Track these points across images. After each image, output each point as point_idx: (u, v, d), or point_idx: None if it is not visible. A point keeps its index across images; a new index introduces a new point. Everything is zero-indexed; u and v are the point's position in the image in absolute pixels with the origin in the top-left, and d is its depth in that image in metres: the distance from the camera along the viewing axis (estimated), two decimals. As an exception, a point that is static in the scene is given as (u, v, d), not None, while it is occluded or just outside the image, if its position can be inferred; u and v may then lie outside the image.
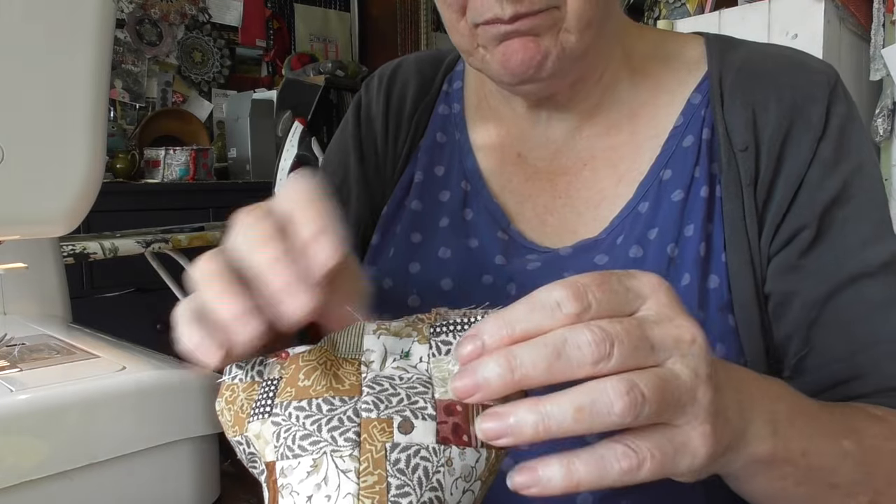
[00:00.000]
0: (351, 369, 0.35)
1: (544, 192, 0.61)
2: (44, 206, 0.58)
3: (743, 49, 0.60)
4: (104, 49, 0.58)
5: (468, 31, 0.54)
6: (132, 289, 2.79)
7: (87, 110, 0.58)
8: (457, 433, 0.32)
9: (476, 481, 0.33)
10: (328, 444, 0.32)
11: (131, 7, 3.33)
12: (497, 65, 0.54)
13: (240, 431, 0.35)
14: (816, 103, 0.55)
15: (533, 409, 0.31)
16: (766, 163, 0.55)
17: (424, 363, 0.35)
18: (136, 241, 1.86)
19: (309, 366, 0.34)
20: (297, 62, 3.75)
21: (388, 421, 0.32)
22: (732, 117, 0.56)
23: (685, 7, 2.19)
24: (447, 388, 0.34)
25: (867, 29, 1.81)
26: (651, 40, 0.63)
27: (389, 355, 0.35)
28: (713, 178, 0.56)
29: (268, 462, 0.33)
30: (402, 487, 0.31)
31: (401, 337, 0.36)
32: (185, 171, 3.00)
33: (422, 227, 0.64)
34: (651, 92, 0.61)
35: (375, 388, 0.33)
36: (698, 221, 0.55)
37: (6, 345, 0.63)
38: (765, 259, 0.55)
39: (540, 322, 0.31)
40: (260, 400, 0.35)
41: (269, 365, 0.36)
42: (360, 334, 0.36)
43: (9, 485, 0.48)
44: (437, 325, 0.35)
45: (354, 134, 0.70)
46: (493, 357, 0.31)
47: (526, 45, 0.52)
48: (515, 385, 0.31)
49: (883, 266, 0.53)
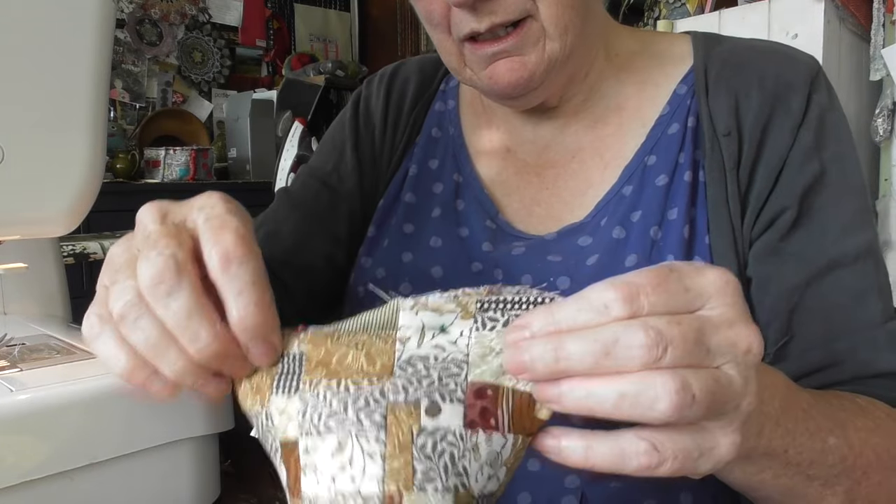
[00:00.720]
0: (384, 347, 0.34)
1: (531, 185, 0.63)
2: (44, 206, 0.58)
3: (728, 43, 0.61)
4: (104, 49, 0.58)
5: (455, 49, 0.56)
6: (132, 289, 2.79)
7: (87, 110, 0.58)
8: (484, 417, 0.32)
9: (502, 467, 0.32)
10: (354, 425, 0.31)
11: (131, 7, 3.33)
12: (485, 85, 0.56)
13: (261, 403, 0.34)
14: (797, 92, 0.56)
15: (581, 383, 0.30)
16: (747, 148, 0.56)
17: (465, 338, 0.34)
18: (136, 241, 1.86)
19: (339, 350, 0.34)
20: (297, 62, 3.75)
21: (415, 404, 0.32)
22: (716, 104, 0.57)
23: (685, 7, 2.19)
24: (483, 368, 0.33)
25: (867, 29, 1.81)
26: (638, 39, 0.64)
27: (428, 331, 0.34)
28: (697, 164, 0.57)
29: (289, 439, 0.33)
30: (427, 472, 0.31)
31: (441, 313, 0.35)
32: (185, 171, 3.00)
33: (415, 219, 0.65)
34: (637, 86, 0.62)
35: (407, 371, 0.33)
36: (682, 205, 0.55)
37: (6, 345, 0.63)
38: (747, 243, 0.55)
39: (586, 324, 0.31)
40: (285, 374, 0.34)
41: (286, 336, 0.35)
42: (394, 311, 0.35)
43: (9, 485, 0.48)
44: (487, 300, 0.34)
45: (352, 124, 0.72)
46: (543, 341, 0.31)
47: (511, 66, 0.54)
48: (559, 373, 0.31)
49: (860, 254, 0.54)
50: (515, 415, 0.33)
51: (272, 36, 3.85)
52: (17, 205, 0.57)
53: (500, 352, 0.33)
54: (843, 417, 0.44)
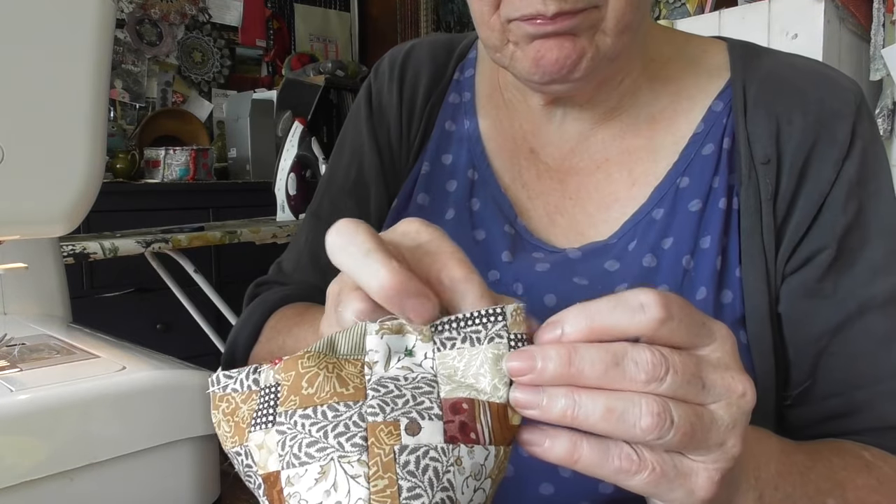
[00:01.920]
0: (354, 371, 0.34)
1: (555, 192, 0.60)
2: (44, 206, 0.58)
3: (767, 58, 0.58)
4: (104, 49, 0.58)
5: (500, 26, 0.53)
6: (132, 289, 2.79)
7: (87, 110, 0.58)
8: (464, 431, 0.32)
9: (486, 479, 0.33)
10: (335, 451, 0.31)
11: (131, 7, 3.33)
12: (529, 62, 0.52)
13: (240, 442, 0.34)
14: (843, 120, 0.54)
15: (568, 394, 0.31)
16: (787, 177, 0.54)
17: (430, 360, 0.35)
18: (136, 241, 1.86)
19: (310, 372, 0.34)
20: (297, 62, 3.75)
21: (394, 423, 0.32)
22: (755, 128, 0.55)
23: (685, 7, 2.19)
24: (453, 386, 0.34)
25: (867, 29, 1.81)
26: (671, 41, 0.62)
27: (394, 354, 0.35)
28: (731, 190, 0.55)
29: (270, 472, 0.33)
30: (413, 489, 0.31)
31: (403, 334, 0.35)
32: (185, 171, 3.00)
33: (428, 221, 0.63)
34: (671, 97, 0.59)
35: (380, 391, 0.33)
36: (715, 234, 0.53)
37: (6, 345, 0.63)
38: (779, 276, 0.54)
39: (620, 319, 0.31)
40: (261, 409, 0.34)
41: (263, 371, 0.35)
42: (361, 335, 0.35)
43: (9, 485, 0.47)
44: (439, 322, 0.35)
45: (368, 124, 0.69)
46: (556, 346, 0.32)
47: (562, 44, 0.51)
48: (568, 378, 0.31)
49: (888, 299, 0.52)
50: (494, 426, 0.33)
51: (272, 36, 3.85)
52: (17, 205, 0.57)
53: (464, 369, 0.34)
54: (842, 477, 0.44)
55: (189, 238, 1.97)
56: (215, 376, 0.36)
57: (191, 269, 2.07)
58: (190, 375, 0.56)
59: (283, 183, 2.34)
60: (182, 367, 0.57)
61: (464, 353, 0.34)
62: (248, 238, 2.06)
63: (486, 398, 0.33)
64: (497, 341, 0.34)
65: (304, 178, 2.35)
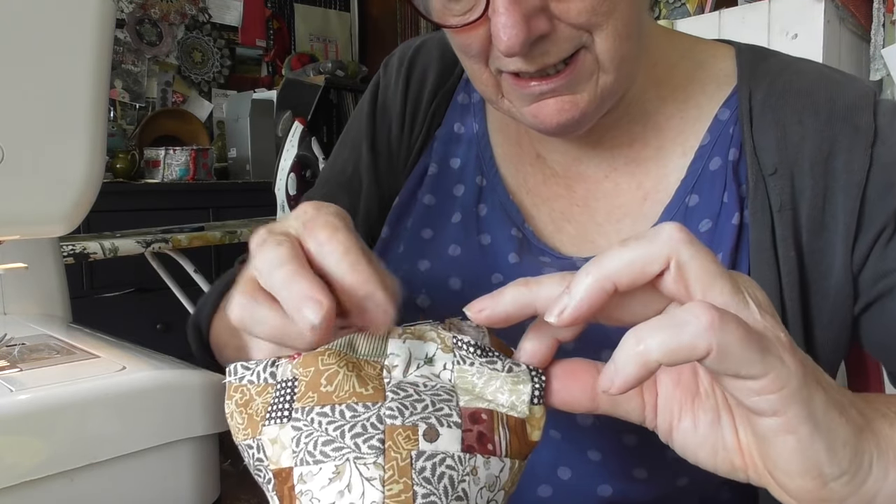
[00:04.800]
0: (373, 373, 0.34)
1: (561, 198, 0.60)
2: (44, 206, 0.58)
3: (775, 63, 0.57)
4: (104, 49, 0.58)
5: (492, 80, 0.51)
6: (132, 289, 2.79)
7: (87, 110, 0.58)
8: (482, 441, 0.32)
9: (500, 491, 0.33)
10: (351, 451, 0.31)
11: (131, 7, 3.33)
12: (529, 118, 0.51)
13: (252, 435, 0.34)
14: (861, 111, 0.52)
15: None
16: (808, 182, 0.52)
17: (448, 371, 0.35)
18: (136, 241, 1.86)
19: (330, 369, 0.34)
20: (297, 62, 3.75)
21: (412, 428, 0.32)
22: (761, 137, 0.54)
23: (685, 7, 2.19)
24: (471, 397, 0.34)
25: (867, 29, 1.81)
26: (676, 44, 0.60)
27: (413, 361, 0.35)
28: (742, 202, 0.54)
29: (283, 468, 0.33)
30: (428, 496, 0.30)
31: (424, 341, 0.35)
32: (185, 171, 3.00)
33: (433, 223, 0.62)
34: (678, 105, 0.58)
35: (399, 394, 0.33)
36: (727, 250, 0.52)
37: (6, 345, 0.63)
38: (795, 288, 0.52)
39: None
40: (276, 403, 0.34)
41: (281, 365, 0.35)
42: (384, 338, 0.35)
43: (9, 485, 0.47)
44: (459, 342, 0.35)
45: (369, 121, 0.68)
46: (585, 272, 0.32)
47: (561, 106, 0.49)
48: (601, 292, 0.31)
49: None
50: (512, 439, 0.33)
51: (272, 36, 3.85)
52: (17, 205, 0.56)
53: (482, 386, 0.34)
54: None
55: (189, 238, 1.97)
56: (233, 366, 0.36)
57: (191, 269, 2.07)
58: (190, 375, 0.56)
59: (283, 183, 2.33)
60: (182, 367, 0.57)
61: (483, 373, 0.34)
62: (248, 238, 2.04)
63: (505, 411, 0.33)
64: (517, 370, 0.35)
65: (304, 178, 2.35)
